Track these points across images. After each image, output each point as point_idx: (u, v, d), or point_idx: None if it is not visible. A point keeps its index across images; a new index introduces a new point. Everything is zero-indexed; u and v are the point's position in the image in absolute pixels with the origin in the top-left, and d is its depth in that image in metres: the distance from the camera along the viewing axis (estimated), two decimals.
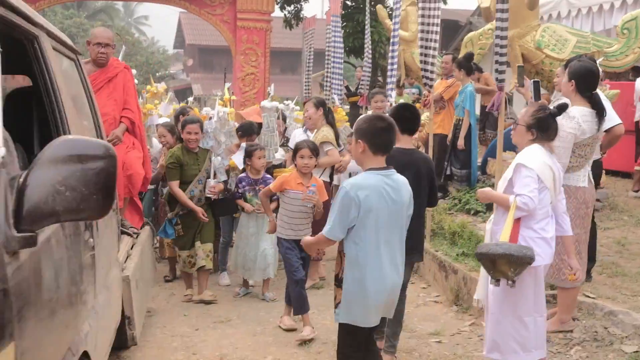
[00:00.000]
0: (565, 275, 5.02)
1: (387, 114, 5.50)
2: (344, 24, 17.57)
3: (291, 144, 7.92)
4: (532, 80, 5.96)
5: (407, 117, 5.15)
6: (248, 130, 7.85)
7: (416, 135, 12.11)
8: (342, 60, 12.71)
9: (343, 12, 17.65)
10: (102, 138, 3.71)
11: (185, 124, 6.96)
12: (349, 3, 17.91)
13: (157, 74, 39.75)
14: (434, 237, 7.90)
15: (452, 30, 24.31)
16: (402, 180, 3.91)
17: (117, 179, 5.32)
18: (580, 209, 5.14)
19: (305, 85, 15.72)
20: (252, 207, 6.99)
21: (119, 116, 5.85)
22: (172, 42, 53.10)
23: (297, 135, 8.16)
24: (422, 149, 9.56)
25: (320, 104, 7.67)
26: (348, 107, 15.48)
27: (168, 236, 7.13)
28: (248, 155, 7.08)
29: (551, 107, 4.70)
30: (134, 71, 7.55)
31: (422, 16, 7.79)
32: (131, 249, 5.31)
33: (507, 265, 4.06)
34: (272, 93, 8.10)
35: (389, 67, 9.41)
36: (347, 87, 14.81)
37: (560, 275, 5.10)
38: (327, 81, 13.03)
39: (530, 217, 4.30)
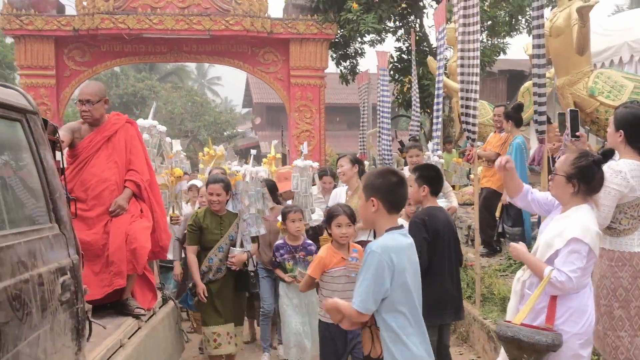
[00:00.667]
0: (623, 355, 4.33)
1: (416, 174, 5.24)
2: (401, 77, 17.20)
3: (331, 202, 7.44)
4: (568, 109, 5.33)
5: (433, 177, 5.04)
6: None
7: (470, 190, 11.57)
8: (389, 115, 12.27)
9: (400, 65, 17.31)
10: (55, 211, 3.25)
11: (207, 184, 6.45)
12: (405, 57, 17.53)
13: (225, 133, 40.19)
14: (484, 303, 7.24)
15: (517, 80, 23.63)
16: (412, 239, 3.55)
17: (119, 253, 4.93)
18: (638, 278, 4.42)
19: (360, 141, 15.36)
20: (290, 279, 6.25)
21: (122, 180, 5.23)
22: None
23: (338, 193, 7.68)
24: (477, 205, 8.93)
25: (357, 161, 7.27)
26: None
27: (189, 307, 6.56)
28: (283, 218, 6.49)
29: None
30: (163, 132, 7.20)
31: (462, 66, 7.28)
32: (130, 336, 4.72)
33: (517, 350, 3.59)
34: (305, 151, 7.63)
35: (434, 120, 8.89)
36: (401, 142, 14.32)
37: (618, 354, 4.40)
38: (379, 136, 12.59)
39: None
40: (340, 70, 18.48)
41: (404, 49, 17.70)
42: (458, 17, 7.23)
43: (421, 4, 16.97)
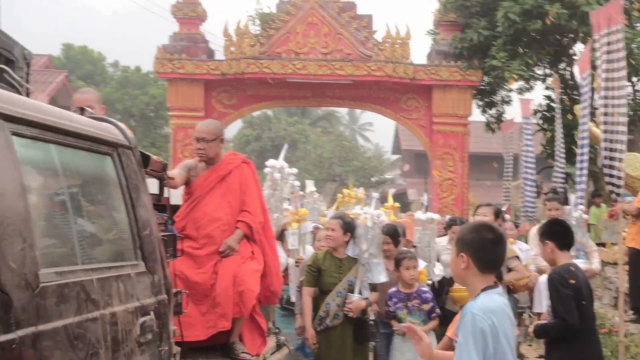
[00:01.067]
0: None
1: (539, 231, 5.15)
2: (550, 126, 16.45)
3: None
4: None
5: (560, 232, 4.92)
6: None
7: (617, 248, 10.72)
8: (534, 166, 11.68)
9: (548, 114, 16.57)
10: (143, 248, 3.16)
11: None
12: (554, 105, 16.75)
13: (373, 179, 40.28)
14: None
15: None
16: (505, 298, 3.28)
17: (226, 294, 4.85)
18: None
19: (505, 193, 14.79)
20: (401, 330, 5.88)
21: (234, 221, 5.17)
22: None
23: None
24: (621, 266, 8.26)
25: (499, 214, 6.80)
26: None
27: (306, 355, 6.33)
28: (396, 264, 6.23)
29: None
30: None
31: (605, 114, 6.78)
32: None
33: None
34: (425, 203, 7.38)
35: (577, 172, 8.33)
36: (546, 194, 13.61)
37: None
38: (522, 188, 12.05)
39: None
40: (486, 118, 17.96)
41: (553, 97, 16.94)
42: (601, 62, 6.76)
43: (571, 50, 16.19)
